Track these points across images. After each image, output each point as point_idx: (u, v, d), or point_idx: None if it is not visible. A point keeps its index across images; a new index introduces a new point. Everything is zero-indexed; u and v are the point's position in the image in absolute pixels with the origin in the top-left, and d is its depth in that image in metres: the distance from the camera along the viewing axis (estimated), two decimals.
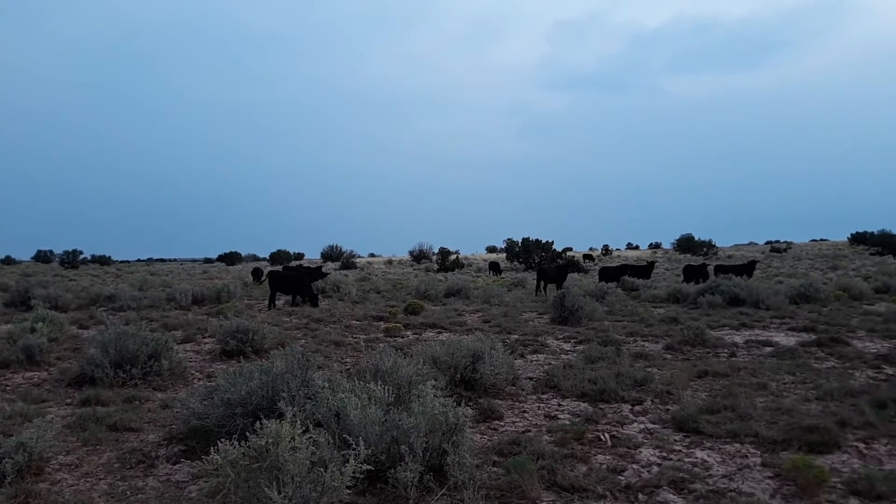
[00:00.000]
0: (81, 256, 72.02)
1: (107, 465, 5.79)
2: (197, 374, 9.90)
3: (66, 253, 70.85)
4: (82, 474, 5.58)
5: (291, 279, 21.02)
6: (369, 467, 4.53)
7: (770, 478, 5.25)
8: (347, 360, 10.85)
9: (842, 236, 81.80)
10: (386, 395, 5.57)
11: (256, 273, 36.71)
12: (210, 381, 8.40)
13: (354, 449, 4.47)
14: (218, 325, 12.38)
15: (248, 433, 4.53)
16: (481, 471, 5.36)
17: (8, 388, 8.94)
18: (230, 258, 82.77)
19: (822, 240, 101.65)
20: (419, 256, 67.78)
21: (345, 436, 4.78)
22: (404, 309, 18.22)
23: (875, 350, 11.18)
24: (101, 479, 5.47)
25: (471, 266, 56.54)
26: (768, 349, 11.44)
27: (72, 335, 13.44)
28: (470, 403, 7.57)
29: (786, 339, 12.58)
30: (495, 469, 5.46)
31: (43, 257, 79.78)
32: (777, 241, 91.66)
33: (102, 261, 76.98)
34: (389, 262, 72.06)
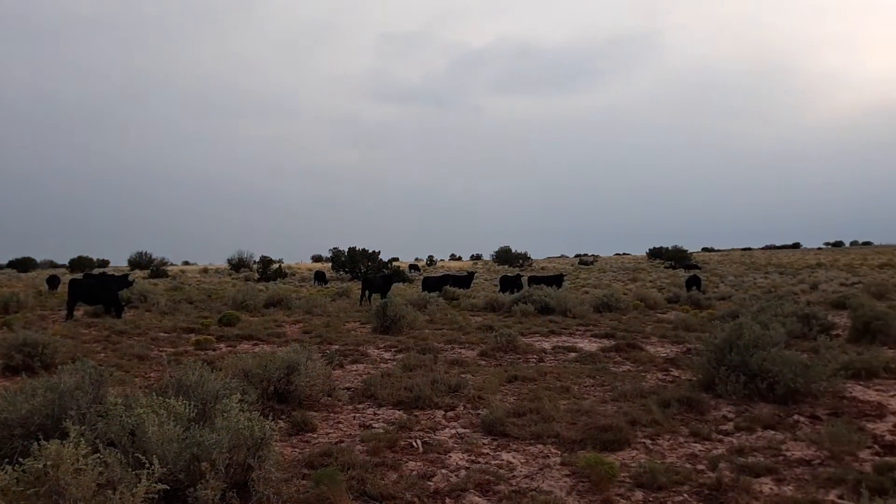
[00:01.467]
0: None
1: None
2: None
3: None
4: None
5: (93, 288, 19.31)
6: (165, 486, 4.24)
7: (567, 476, 5.59)
8: (151, 374, 10.16)
9: (642, 251, 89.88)
10: (188, 410, 5.26)
11: (52, 281, 33.44)
12: None
13: (148, 468, 4.17)
14: (2, 338, 11.09)
15: (22, 457, 4.09)
16: (289, 485, 5.23)
17: None
18: (22, 264, 74.66)
19: (624, 254, 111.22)
20: (238, 265, 65.19)
21: (138, 455, 4.44)
22: (218, 320, 17.39)
23: (665, 354, 12.34)
24: None
25: (294, 275, 55.31)
26: (573, 354, 12.23)
27: None
28: (282, 416, 7.38)
29: (589, 345, 13.53)
30: (304, 482, 5.35)
31: None
32: (585, 255, 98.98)
33: None
34: (205, 270, 68.66)
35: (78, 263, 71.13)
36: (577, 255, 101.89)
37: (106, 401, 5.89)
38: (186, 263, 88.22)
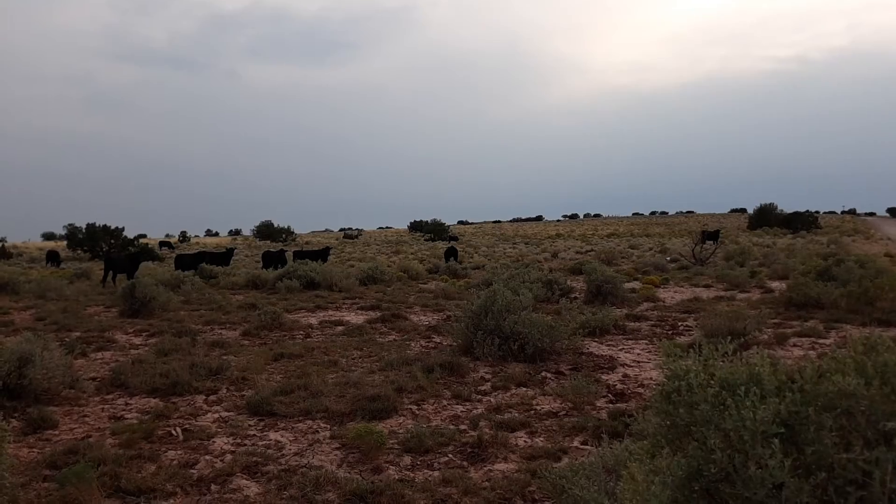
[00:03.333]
0: None
1: None
2: None
3: None
4: None
5: None
6: None
7: (338, 449, 5.64)
8: None
9: (403, 224, 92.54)
10: None
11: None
12: None
13: None
14: None
15: None
16: (28, 489, 4.66)
17: None
18: None
19: (387, 227, 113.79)
20: None
21: None
22: None
23: (427, 322, 12.90)
24: None
25: (21, 256, 48.84)
26: (340, 328, 12.31)
27: None
28: (15, 415, 6.53)
29: (356, 318, 13.70)
30: (46, 485, 4.80)
31: None
32: (350, 229, 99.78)
33: None
34: None
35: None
36: (341, 230, 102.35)
37: None
38: None
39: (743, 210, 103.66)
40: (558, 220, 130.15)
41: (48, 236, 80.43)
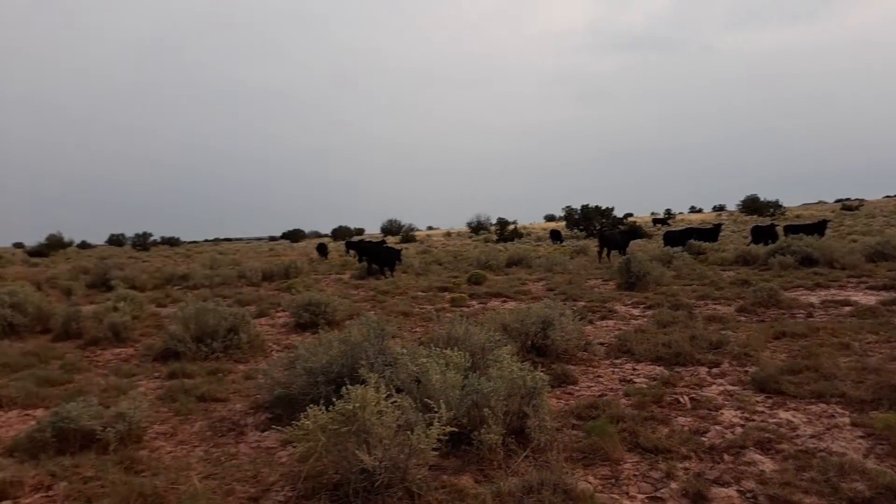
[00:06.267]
0: (151, 238, 74.59)
1: (199, 434, 6.06)
2: (274, 346, 10.21)
3: (137, 236, 73.49)
4: (178, 442, 5.86)
5: (378, 249, 22.76)
6: (453, 429, 4.61)
7: (861, 437, 5.13)
8: (417, 329, 11.00)
9: None
10: (464, 360, 5.64)
11: (321, 249, 37.39)
12: (289, 352, 8.63)
13: (437, 412, 4.55)
14: (290, 299, 12.70)
15: (332, 400, 4.66)
16: (562, 434, 5.41)
17: (99, 363, 9.41)
18: (294, 235, 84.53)
19: None
20: (477, 228, 67.78)
21: (426, 400, 4.87)
22: (467, 279, 18.30)
23: None
24: (195, 446, 5.73)
25: (529, 235, 56.19)
26: (847, 309, 11.05)
27: (151, 313, 14.01)
28: (543, 369, 7.60)
29: (865, 298, 12.13)
30: (575, 432, 5.49)
31: (116, 241, 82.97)
32: (848, 199, 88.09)
33: (172, 242, 79.62)
34: (448, 234, 72.26)
35: (339, 232, 78.73)
36: (837, 200, 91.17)
37: (389, 351, 6.54)
38: (431, 228, 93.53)
39: None
40: None
41: (549, 217, 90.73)
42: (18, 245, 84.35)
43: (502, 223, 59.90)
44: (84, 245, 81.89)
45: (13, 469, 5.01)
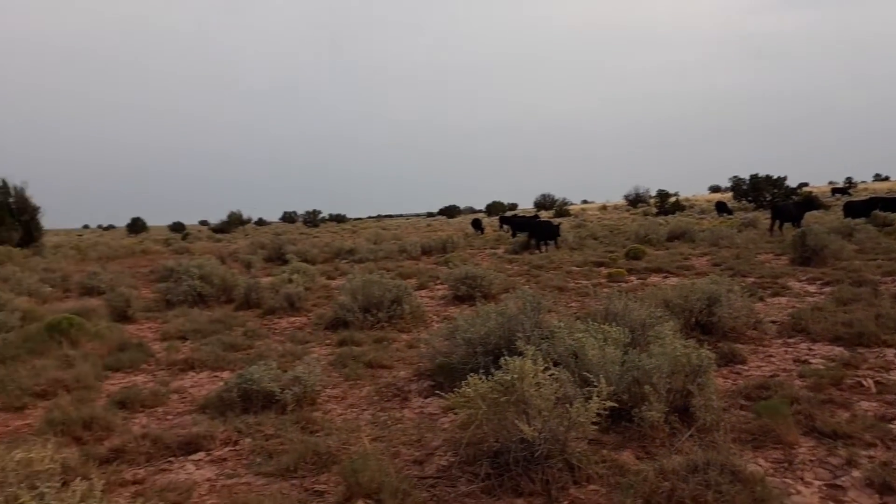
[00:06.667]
0: (321, 216, 79.17)
1: (367, 398, 6.42)
2: (434, 317, 10.56)
3: (308, 213, 78.27)
4: (348, 405, 6.25)
5: (536, 223, 23.08)
6: (613, 405, 4.56)
7: None
8: (572, 304, 10.90)
9: None
10: (623, 336, 5.53)
11: (476, 224, 37.94)
12: (448, 323, 8.90)
13: (596, 386, 4.51)
14: (448, 273, 13.03)
15: (490, 370, 4.75)
16: (729, 414, 5.18)
17: (276, 330, 10.20)
18: (450, 211, 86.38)
19: None
20: (635, 200, 65.61)
21: (585, 373, 4.84)
22: (625, 254, 17.84)
23: None
24: (364, 409, 6.08)
25: (692, 208, 53.63)
26: None
27: (322, 284, 14.94)
28: (709, 347, 7.28)
29: None
30: (743, 413, 5.24)
31: (288, 218, 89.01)
32: None
33: (339, 219, 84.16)
34: (604, 207, 70.68)
35: (493, 208, 79.42)
36: None
37: (545, 325, 6.55)
38: (585, 202, 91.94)
39: None
40: None
41: (714, 189, 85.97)
42: (203, 223, 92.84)
43: (662, 195, 57.59)
44: (260, 222, 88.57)
45: (206, 424, 5.58)
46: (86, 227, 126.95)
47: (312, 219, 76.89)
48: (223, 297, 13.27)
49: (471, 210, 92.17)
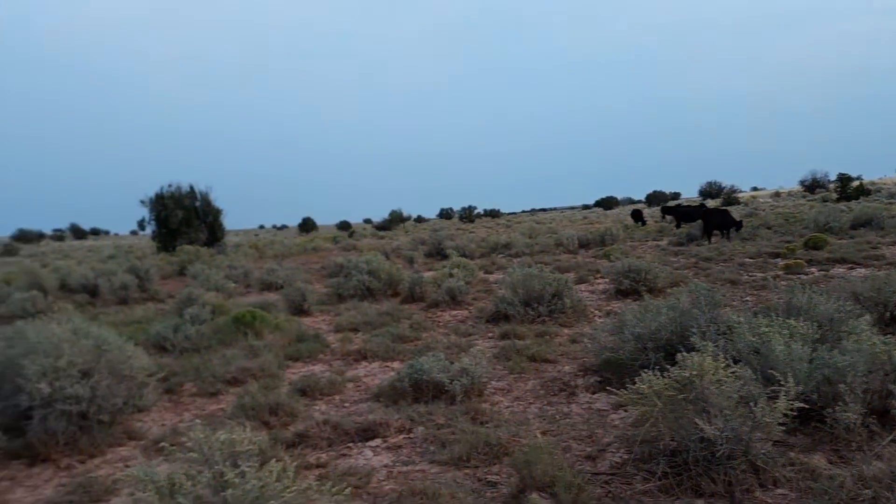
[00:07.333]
0: (476, 211, 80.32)
1: (533, 391, 6.44)
2: (596, 311, 10.37)
3: (464, 209, 79.68)
4: (514, 398, 6.30)
5: (717, 213, 22.10)
6: (802, 405, 4.25)
7: None
8: (747, 298, 10.28)
9: None
10: (811, 331, 5.14)
11: (636, 215, 36.81)
12: (613, 318, 8.71)
13: (783, 385, 4.23)
14: (609, 266, 12.75)
15: (662, 366, 4.59)
16: None
17: (440, 323, 10.47)
18: (607, 203, 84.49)
19: None
20: (812, 186, 60.71)
21: (770, 371, 4.55)
22: (803, 244, 16.54)
23: None
24: (530, 403, 6.11)
25: (880, 192, 48.67)
26: None
27: (481, 279, 15.15)
28: None
29: None
30: None
31: (445, 214, 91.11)
32: None
33: (493, 214, 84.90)
34: (776, 194, 65.97)
35: (653, 198, 76.71)
36: None
37: (721, 320, 6.22)
38: (755, 189, 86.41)
39: None
40: None
41: None
42: (367, 221, 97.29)
43: (843, 179, 52.66)
44: (419, 219, 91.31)
45: (381, 412, 5.85)
46: (261, 227, 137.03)
47: (468, 214, 78.10)
48: (389, 291, 13.81)
49: (629, 201, 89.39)
